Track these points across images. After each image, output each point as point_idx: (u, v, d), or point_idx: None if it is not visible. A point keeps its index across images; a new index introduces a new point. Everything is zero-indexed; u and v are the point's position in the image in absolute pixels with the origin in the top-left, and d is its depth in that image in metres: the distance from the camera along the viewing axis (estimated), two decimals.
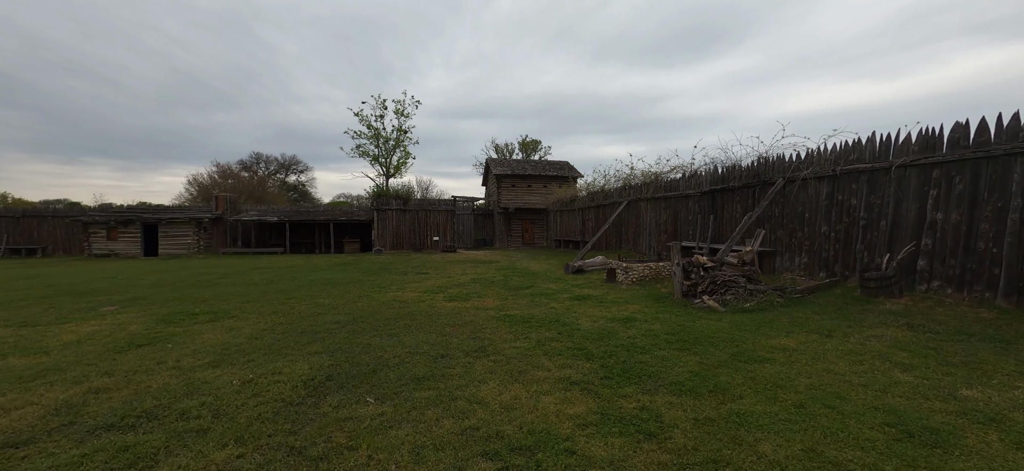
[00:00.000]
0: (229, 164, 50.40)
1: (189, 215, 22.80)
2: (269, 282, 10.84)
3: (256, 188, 48.72)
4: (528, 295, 8.29)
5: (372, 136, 26.75)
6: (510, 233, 27.13)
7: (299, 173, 59.39)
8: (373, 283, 10.37)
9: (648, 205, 14.54)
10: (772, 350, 4.55)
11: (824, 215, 8.31)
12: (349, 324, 5.90)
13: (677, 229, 12.98)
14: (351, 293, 8.78)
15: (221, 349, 4.79)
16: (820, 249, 8.41)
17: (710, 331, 5.29)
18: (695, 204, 12.13)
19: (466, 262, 16.31)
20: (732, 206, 10.73)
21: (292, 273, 12.97)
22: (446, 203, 24.09)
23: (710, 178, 11.46)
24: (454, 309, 6.96)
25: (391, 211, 22.74)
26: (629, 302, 7.36)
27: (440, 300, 7.85)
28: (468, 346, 4.75)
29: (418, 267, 14.43)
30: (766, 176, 9.61)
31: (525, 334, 5.27)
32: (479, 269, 13.53)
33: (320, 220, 23.86)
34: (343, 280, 11.03)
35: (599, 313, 6.50)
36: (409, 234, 23.07)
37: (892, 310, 6.14)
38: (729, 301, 6.66)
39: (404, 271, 13.17)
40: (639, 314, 6.36)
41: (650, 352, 4.49)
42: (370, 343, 4.91)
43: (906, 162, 6.93)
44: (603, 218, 17.96)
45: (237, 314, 6.73)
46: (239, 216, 23.05)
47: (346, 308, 7.13)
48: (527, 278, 10.99)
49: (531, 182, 26.68)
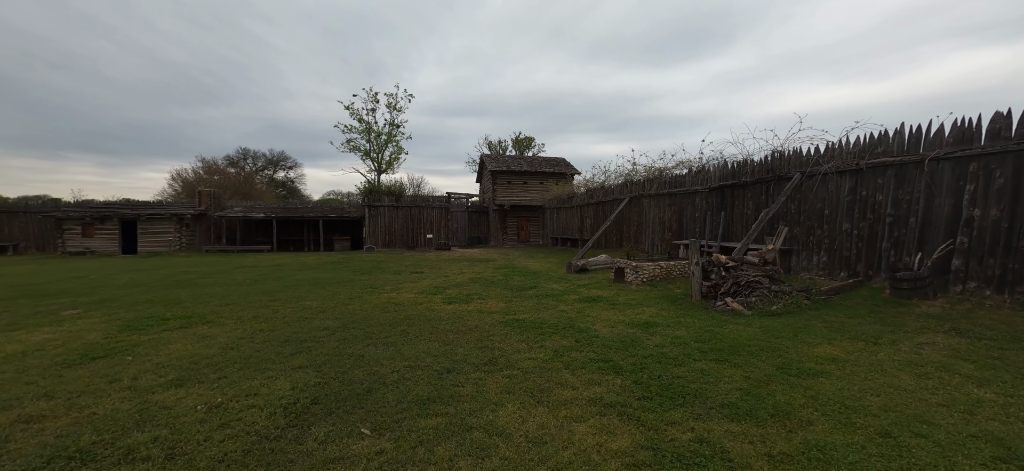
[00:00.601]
0: (215, 160, 48.99)
1: (170, 211, 21.79)
2: (253, 282, 10.12)
3: (243, 184, 47.40)
4: (533, 297, 7.72)
5: (363, 131, 25.90)
6: (505, 231, 26.53)
7: (288, 169, 58.05)
8: (365, 283, 9.72)
9: (651, 202, 14.05)
10: (820, 361, 4.03)
11: (846, 212, 7.86)
12: (339, 331, 5.27)
13: (683, 226, 12.50)
14: (341, 294, 8.12)
15: (189, 362, 4.13)
16: (841, 247, 7.96)
17: (743, 338, 4.77)
18: (702, 201, 11.65)
19: (462, 260, 15.69)
20: (743, 202, 10.26)
21: (278, 272, 12.24)
22: (440, 200, 23.41)
23: (719, 173, 10.98)
24: (455, 313, 6.36)
25: (383, 208, 21.98)
26: (644, 304, 6.83)
27: (439, 302, 7.24)
28: (476, 358, 4.16)
29: (412, 266, 13.78)
30: (781, 171, 9.15)
31: (539, 342, 4.70)
32: (477, 268, 12.93)
33: (309, 217, 23.00)
34: (333, 280, 10.35)
35: (615, 317, 5.95)
36: (402, 232, 22.34)
37: (931, 313, 5.68)
38: (753, 303, 6.16)
39: (398, 270, 12.51)
40: (659, 318, 5.82)
41: (685, 364, 3.94)
42: (363, 354, 4.29)
43: (939, 155, 6.48)
44: (603, 216, 17.46)
45: (213, 319, 6.05)
46: (224, 212, 22.09)
47: (336, 312, 6.49)
48: (529, 278, 10.42)
49: (527, 179, 26.10)
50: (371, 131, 26.07)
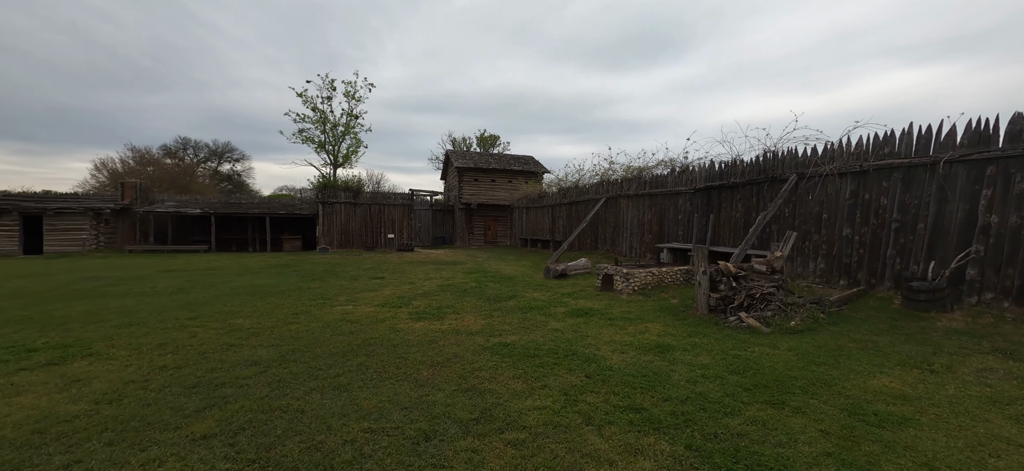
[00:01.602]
0: (149, 149, 44.27)
1: (85, 205, 18.84)
2: (176, 291, 8.43)
3: (181, 177, 43.21)
4: (515, 310, 6.69)
5: (318, 120, 23.75)
6: (472, 231, 25.34)
7: (234, 162, 53.66)
8: (315, 292, 8.30)
9: (630, 203, 13.42)
10: (888, 399, 3.28)
11: (846, 216, 7.42)
12: (274, 366, 4.00)
13: (664, 229, 11.92)
14: (285, 308, 6.73)
15: (31, 431, 2.77)
16: (840, 253, 7.51)
17: (780, 367, 3.98)
18: (687, 202, 11.09)
19: (428, 263, 14.40)
20: (732, 205, 9.74)
21: (211, 277, 10.47)
22: (403, 197, 21.84)
23: (705, 174, 10.44)
24: (426, 333, 5.21)
25: (339, 204, 20.12)
26: (644, 319, 5.98)
27: (405, 318, 6.05)
28: (463, 410, 3.08)
29: (372, 270, 12.36)
30: (775, 172, 8.65)
31: (540, 379, 3.67)
32: (445, 272, 11.73)
33: (253, 213, 20.71)
34: (276, 288, 8.83)
35: (619, 338, 5.04)
36: (360, 231, 20.59)
37: (956, 328, 5.19)
38: (770, 319, 5.45)
39: (355, 275, 11.09)
40: (670, 339, 4.96)
41: (736, 411, 3.05)
42: (304, 408, 3.09)
43: (954, 157, 6.07)
44: (577, 216, 16.73)
45: (101, 350, 4.56)
46: (152, 207, 19.41)
47: (274, 334, 5.15)
48: (505, 284, 9.38)
49: (495, 177, 25.03)
50: (327, 121, 23.98)
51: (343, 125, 24.51)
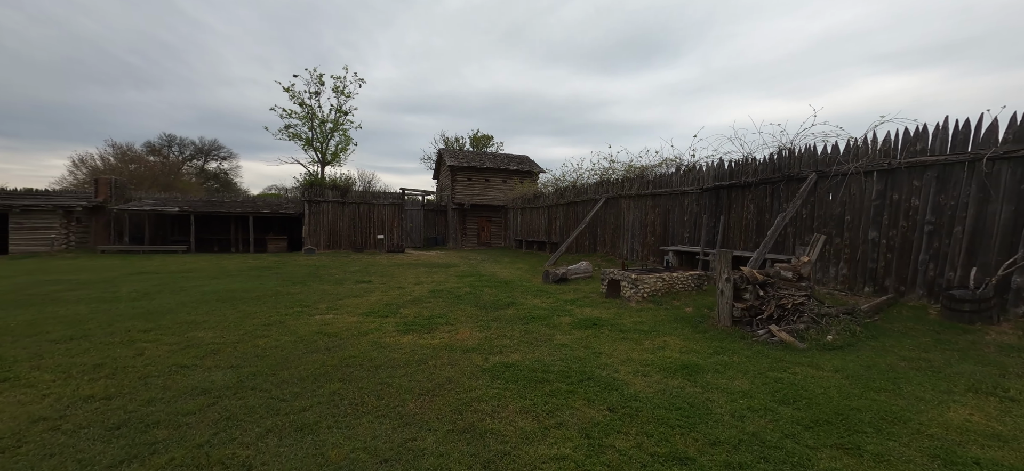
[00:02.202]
0: (131, 145, 42.80)
1: (55, 202, 17.77)
2: (139, 297, 7.63)
3: (165, 175, 41.91)
4: (515, 319, 6.02)
5: (306, 117, 22.84)
6: (465, 232, 24.62)
7: (221, 160, 52.30)
8: (294, 298, 7.55)
9: (631, 203, 12.83)
10: (979, 440, 2.68)
11: (872, 218, 6.87)
12: (227, 395, 3.28)
13: (669, 231, 11.34)
14: (256, 318, 5.99)
15: None
16: (865, 258, 6.96)
17: (835, 394, 3.36)
18: (693, 202, 10.52)
19: (419, 265, 13.68)
20: (743, 205, 9.18)
21: (183, 281, 9.66)
22: (394, 196, 21.04)
23: (714, 173, 9.87)
24: (415, 350, 4.52)
25: (326, 203, 19.26)
26: (660, 331, 5.35)
27: (391, 330, 5.35)
28: (461, 461, 2.40)
29: (359, 272, 11.60)
30: (791, 171, 8.10)
31: (553, 413, 3.01)
32: (437, 276, 11.03)
33: (236, 213, 19.75)
34: (252, 293, 8.06)
35: (637, 355, 4.40)
36: (348, 231, 19.75)
37: (1010, 344, 4.63)
38: (803, 332, 4.85)
39: (340, 278, 10.34)
40: (695, 357, 4.34)
41: (805, 462, 2.41)
42: (251, 462, 2.38)
43: (996, 153, 5.54)
44: (574, 217, 16.11)
45: (21, 373, 3.79)
46: (127, 205, 18.39)
47: (236, 351, 4.42)
48: (502, 290, 8.71)
49: (489, 176, 24.34)
50: (314, 117, 23.08)
51: (332, 121, 23.65)
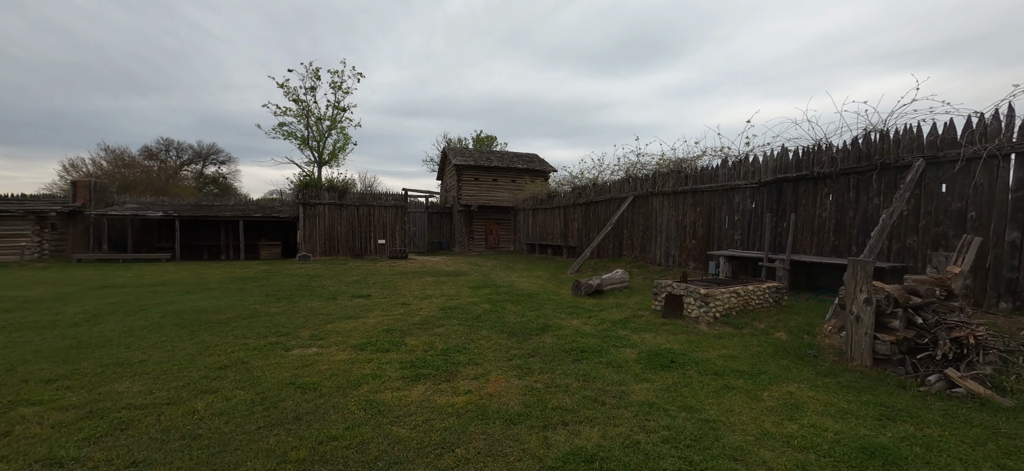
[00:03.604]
0: (125, 149, 41.48)
1: (28, 207, 16.34)
2: (82, 322, 6.15)
3: (159, 179, 40.64)
4: (561, 356, 4.51)
5: (301, 114, 21.40)
6: (472, 235, 23.11)
7: (219, 164, 51.01)
8: (273, 322, 6.06)
9: (665, 201, 11.30)
10: None
11: (1011, 215, 5.34)
12: None
13: (714, 233, 9.81)
14: (213, 354, 4.48)
15: None
16: (1000, 266, 5.42)
17: None
18: (746, 199, 8.99)
19: (424, 274, 12.17)
20: (816, 201, 7.64)
21: (148, 298, 8.18)
22: (395, 198, 19.56)
23: (775, 163, 8.34)
24: (430, 419, 3.01)
25: (323, 206, 17.76)
26: (766, 372, 3.83)
27: (393, 377, 3.84)
28: None
29: (357, 284, 10.11)
30: (886, 157, 6.57)
31: None
32: (446, 287, 9.52)
33: (226, 217, 18.28)
34: (223, 314, 6.57)
35: (771, 425, 2.87)
36: (346, 236, 18.26)
37: None
38: (995, 378, 3.32)
39: (334, 291, 8.84)
40: (861, 426, 2.81)
41: None
42: None
43: None
44: (595, 218, 14.59)
45: None
46: (106, 210, 16.95)
47: (158, 422, 2.92)
48: (527, 306, 7.20)
49: (497, 176, 22.84)
50: (310, 114, 21.63)
51: (329, 119, 22.19)
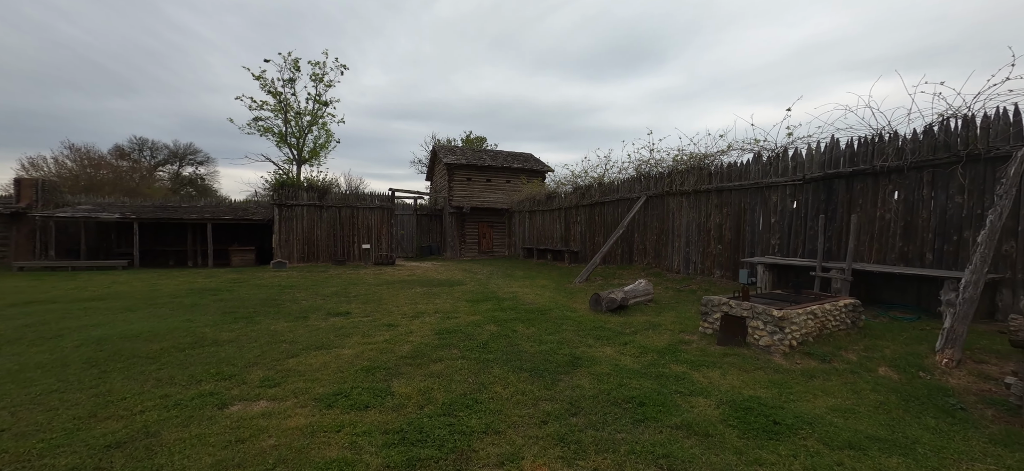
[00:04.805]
0: (93, 146, 38.95)
1: None
2: None
3: (131, 180, 38.29)
4: (612, 413, 3.23)
5: (279, 108, 19.82)
6: (464, 239, 21.74)
7: (197, 165, 48.59)
8: (214, 357, 4.66)
9: (685, 201, 10.15)
10: None
11: None
12: None
13: (743, 236, 8.67)
14: (113, 414, 3.10)
15: None
16: None
17: None
18: (785, 198, 7.87)
19: (414, 283, 10.80)
20: (875, 199, 6.54)
21: (76, 318, 6.66)
22: (382, 199, 18.10)
23: (823, 157, 7.23)
24: None
25: (301, 208, 16.22)
26: (934, 445, 2.63)
27: (374, 467, 2.51)
28: None
29: (335, 296, 8.70)
30: (973, 147, 5.48)
31: None
32: (440, 301, 8.18)
33: (192, 219, 16.61)
34: (155, 344, 5.14)
35: None
36: (327, 240, 16.75)
37: None
38: None
39: (307, 308, 7.43)
40: None
41: None
42: None
43: None
44: (601, 221, 13.40)
45: None
46: (54, 212, 15.14)
47: None
48: (540, 326, 5.92)
49: (491, 176, 21.53)
50: (289, 109, 20.06)
51: (310, 114, 20.63)
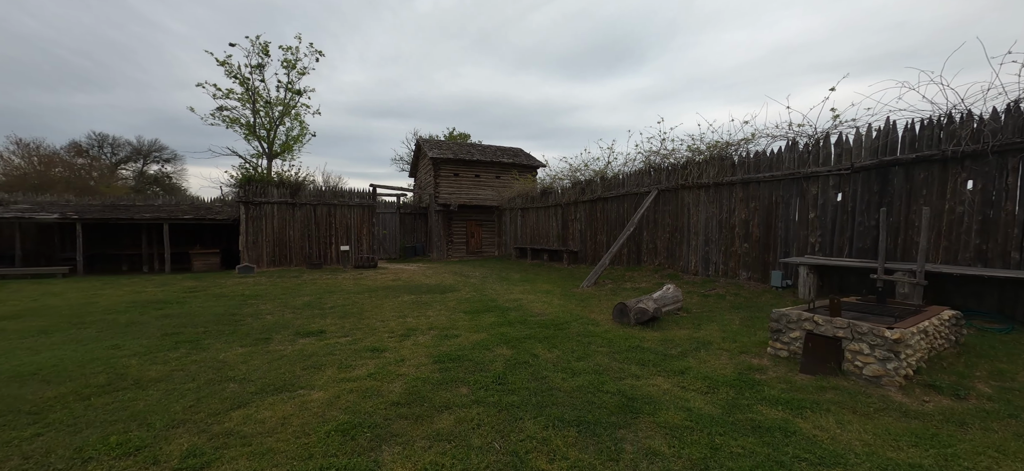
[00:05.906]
0: (43, 142, 35.88)
1: None
2: None
3: (89, 178, 35.52)
4: None
5: (246, 97, 18.07)
6: (451, 238, 20.45)
7: (163, 162, 45.59)
8: (128, 411, 3.36)
9: (703, 195, 9.19)
10: None
11: None
12: None
13: (776, 234, 7.74)
14: None
15: None
16: None
17: None
18: (828, 191, 6.95)
19: (401, 290, 9.53)
20: (943, 190, 5.64)
21: None
22: (362, 196, 16.66)
23: (876, 143, 6.32)
24: None
25: (271, 205, 14.67)
26: None
27: None
28: None
29: (307, 309, 7.37)
30: None
31: None
32: (434, 312, 6.96)
33: (146, 220, 14.85)
34: (51, 389, 3.78)
35: None
36: (301, 241, 15.23)
37: None
38: None
39: (271, 325, 6.11)
40: None
41: None
42: None
43: None
44: (604, 217, 12.37)
45: None
46: None
47: None
48: (564, 347, 4.78)
49: (479, 171, 20.29)
50: (258, 98, 18.36)
51: (281, 104, 18.96)
